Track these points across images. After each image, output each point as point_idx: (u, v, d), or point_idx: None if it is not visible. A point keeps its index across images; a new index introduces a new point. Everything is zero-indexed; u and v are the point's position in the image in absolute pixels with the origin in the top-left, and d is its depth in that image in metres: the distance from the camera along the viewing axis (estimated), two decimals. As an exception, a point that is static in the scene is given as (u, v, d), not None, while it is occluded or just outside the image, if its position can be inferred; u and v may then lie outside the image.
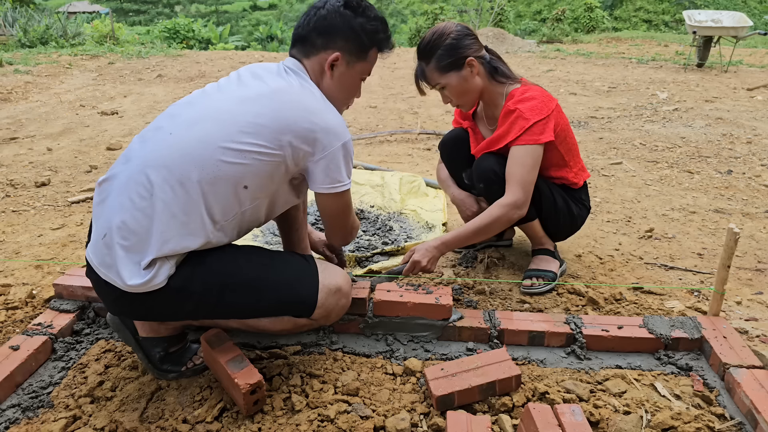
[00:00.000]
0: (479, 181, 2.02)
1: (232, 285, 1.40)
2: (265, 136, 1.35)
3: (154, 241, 1.30)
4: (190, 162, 1.32)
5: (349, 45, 1.51)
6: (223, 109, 1.39)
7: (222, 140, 1.33)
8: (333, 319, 1.54)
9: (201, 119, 1.38)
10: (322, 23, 1.49)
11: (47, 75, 7.84)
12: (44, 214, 2.86)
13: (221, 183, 1.33)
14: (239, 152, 1.33)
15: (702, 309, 1.91)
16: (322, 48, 1.50)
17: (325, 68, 1.51)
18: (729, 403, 1.45)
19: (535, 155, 1.85)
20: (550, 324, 1.72)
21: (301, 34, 1.52)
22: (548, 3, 24.91)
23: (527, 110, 1.85)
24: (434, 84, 1.93)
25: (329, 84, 1.53)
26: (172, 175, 1.32)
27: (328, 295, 1.48)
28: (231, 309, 1.44)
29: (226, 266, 1.41)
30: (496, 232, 1.90)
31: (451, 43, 1.87)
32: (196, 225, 1.33)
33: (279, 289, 1.44)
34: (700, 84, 6.94)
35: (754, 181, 3.35)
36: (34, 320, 1.77)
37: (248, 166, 1.35)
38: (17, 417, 1.41)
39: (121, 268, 1.31)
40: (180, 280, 1.35)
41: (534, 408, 1.25)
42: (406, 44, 16.81)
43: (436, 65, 1.88)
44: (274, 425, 1.37)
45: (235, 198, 1.37)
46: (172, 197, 1.31)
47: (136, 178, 1.33)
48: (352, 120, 5.23)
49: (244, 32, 29.55)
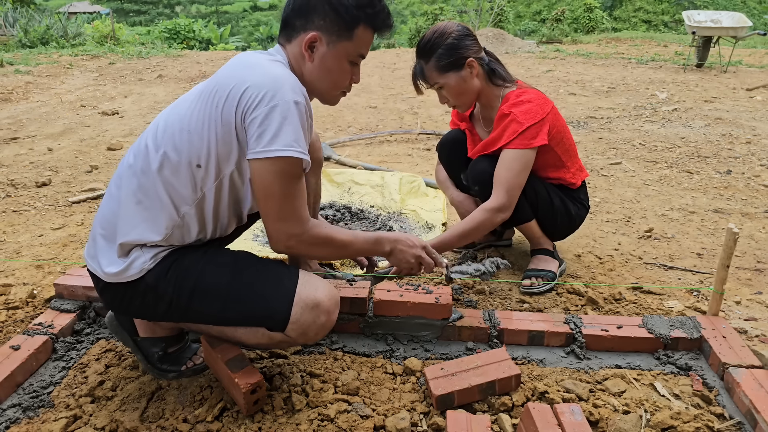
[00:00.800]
0: (474, 183, 2.03)
1: (203, 290, 1.34)
2: (202, 102, 1.30)
3: (121, 227, 1.34)
4: (150, 149, 1.34)
5: (328, 23, 1.36)
6: (195, 90, 1.39)
7: (174, 122, 1.33)
8: (312, 338, 1.36)
9: (173, 106, 1.40)
10: (300, 2, 1.38)
11: (48, 75, 7.84)
12: (45, 214, 2.86)
13: (173, 164, 1.31)
14: (182, 128, 1.31)
15: (701, 309, 1.91)
16: (301, 29, 1.38)
17: (303, 51, 1.38)
18: (728, 402, 1.46)
19: (524, 159, 1.86)
20: (549, 324, 1.72)
21: (283, 17, 1.42)
22: (548, 3, 24.91)
23: (521, 114, 1.86)
24: (433, 83, 1.93)
25: (310, 69, 1.40)
26: (136, 163, 1.35)
27: (304, 311, 1.32)
28: (201, 315, 1.37)
29: (202, 269, 1.35)
30: (480, 235, 1.94)
31: (452, 42, 1.86)
32: (157, 210, 1.33)
33: (250, 299, 1.34)
34: (699, 84, 6.94)
35: (753, 181, 3.35)
36: (34, 320, 1.77)
37: (192, 143, 1.29)
38: (18, 416, 1.41)
39: (101, 257, 1.35)
40: (155, 277, 1.34)
41: (534, 407, 1.25)
42: (406, 45, 16.82)
43: (435, 64, 1.88)
44: (274, 425, 1.37)
45: (191, 179, 1.32)
46: (136, 183, 1.33)
47: (118, 172, 1.41)
48: (352, 120, 5.23)
49: (244, 33, 29.58)
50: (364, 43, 1.42)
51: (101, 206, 1.42)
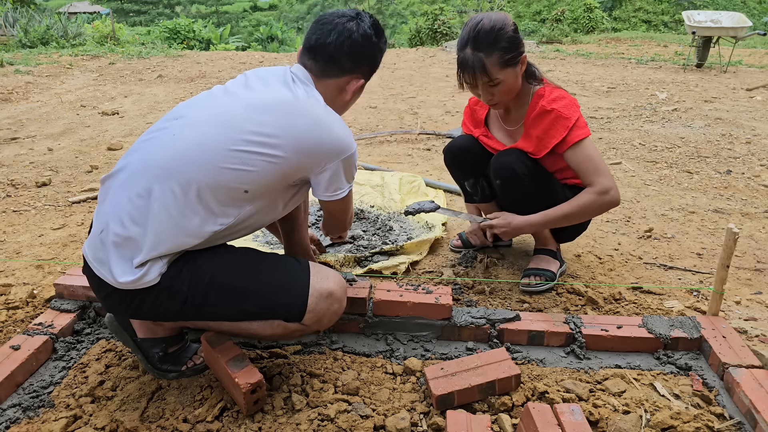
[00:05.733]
0: (496, 177, 1.94)
1: (220, 286, 1.37)
2: (269, 145, 1.34)
3: (149, 241, 1.31)
4: (190, 165, 1.32)
5: (367, 69, 1.56)
6: (228, 113, 1.38)
7: (225, 145, 1.33)
8: (325, 325, 1.48)
9: (205, 122, 1.38)
10: (353, 47, 1.49)
11: (48, 75, 7.84)
12: (45, 214, 2.86)
13: (221, 187, 1.33)
14: (241, 158, 1.33)
15: (701, 309, 1.91)
16: (350, 71, 1.53)
17: (349, 91, 1.55)
18: (728, 402, 1.46)
19: (593, 145, 1.84)
20: (549, 324, 1.73)
21: (331, 53, 1.49)
22: (548, 3, 24.90)
23: (564, 109, 1.82)
24: (493, 78, 1.77)
25: (343, 103, 1.57)
26: (171, 177, 1.31)
27: (319, 300, 1.42)
28: (217, 310, 1.40)
29: (217, 266, 1.39)
30: (585, 218, 1.90)
31: (514, 36, 1.75)
32: (192, 227, 1.33)
33: (268, 292, 1.40)
34: (699, 84, 6.94)
35: (753, 181, 3.35)
36: (34, 320, 1.77)
37: (249, 172, 1.34)
38: (18, 416, 1.41)
39: (113, 265, 1.32)
40: (169, 278, 1.34)
41: (533, 407, 1.25)
42: (406, 45, 16.82)
43: (499, 58, 1.74)
44: (274, 425, 1.37)
45: (234, 202, 1.36)
46: (171, 199, 1.31)
47: (135, 178, 1.34)
48: (352, 120, 5.23)
49: (244, 33, 29.57)
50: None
51: (114, 209, 1.34)
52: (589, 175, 1.82)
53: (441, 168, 3.61)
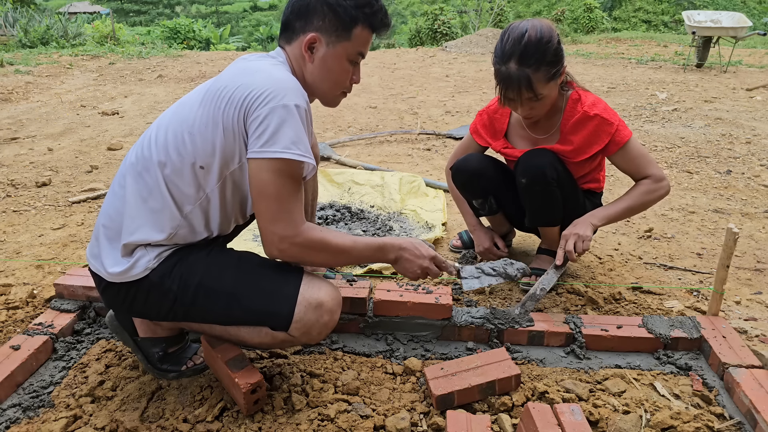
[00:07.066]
0: (524, 176, 1.86)
1: (209, 287, 1.35)
2: (205, 105, 1.31)
3: (126, 226, 1.34)
4: (153, 149, 1.35)
5: (327, 24, 1.37)
6: (189, 96, 1.40)
7: (177, 124, 1.34)
8: (315, 338, 1.38)
9: (173, 109, 1.41)
10: (299, 4, 1.39)
11: (48, 75, 7.84)
12: (45, 214, 2.86)
13: (176, 166, 1.32)
14: (184, 130, 1.32)
15: (701, 309, 1.91)
16: (301, 31, 1.39)
17: (303, 52, 1.39)
18: (728, 402, 1.46)
19: (639, 144, 1.85)
20: (549, 324, 1.72)
21: (283, 20, 1.43)
22: (548, 3, 24.91)
23: (604, 112, 1.80)
24: (537, 94, 1.68)
25: (311, 70, 1.41)
26: (139, 162, 1.37)
27: (308, 310, 1.33)
28: (205, 313, 1.38)
29: (208, 267, 1.37)
30: (645, 208, 1.90)
31: (558, 48, 1.66)
32: (161, 209, 1.34)
33: (254, 298, 1.35)
34: (699, 84, 6.94)
35: (753, 181, 3.35)
36: (34, 320, 1.77)
37: (195, 144, 1.30)
38: (18, 416, 1.41)
39: (104, 257, 1.36)
40: (159, 275, 1.35)
41: (533, 407, 1.25)
42: (406, 45, 16.82)
43: (546, 74, 1.66)
44: (274, 425, 1.37)
45: (194, 179, 1.33)
46: (141, 183, 1.35)
47: (121, 171, 1.41)
48: (352, 120, 5.23)
49: (244, 33, 29.58)
50: (363, 42, 1.42)
51: (104, 205, 1.42)
52: (642, 168, 1.85)
53: (441, 168, 3.61)
